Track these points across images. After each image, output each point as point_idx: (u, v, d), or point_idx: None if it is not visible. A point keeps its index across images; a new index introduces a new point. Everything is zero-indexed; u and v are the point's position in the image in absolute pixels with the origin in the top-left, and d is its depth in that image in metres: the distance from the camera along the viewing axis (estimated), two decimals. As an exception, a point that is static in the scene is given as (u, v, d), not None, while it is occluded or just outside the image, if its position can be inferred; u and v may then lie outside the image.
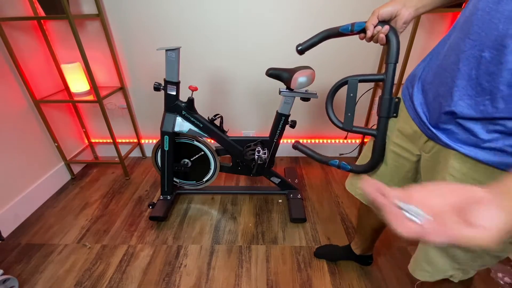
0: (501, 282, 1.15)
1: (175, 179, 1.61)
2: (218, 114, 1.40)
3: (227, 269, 1.22)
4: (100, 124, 1.98)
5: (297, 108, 1.85)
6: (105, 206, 1.61)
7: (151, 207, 1.50)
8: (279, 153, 2.09)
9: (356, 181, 0.91)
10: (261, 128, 1.99)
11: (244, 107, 1.90)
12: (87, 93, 1.69)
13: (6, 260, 1.27)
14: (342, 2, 1.55)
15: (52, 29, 1.63)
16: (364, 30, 0.70)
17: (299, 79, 1.22)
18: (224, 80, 1.81)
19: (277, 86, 1.31)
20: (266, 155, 1.39)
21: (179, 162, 1.52)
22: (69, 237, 1.39)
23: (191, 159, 1.52)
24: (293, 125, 1.41)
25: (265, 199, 1.64)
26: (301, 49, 0.86)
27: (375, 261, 1.23)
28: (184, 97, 1.34)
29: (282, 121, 1.37)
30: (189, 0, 1.56)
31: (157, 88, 1.29)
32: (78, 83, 1.66)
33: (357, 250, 1.17)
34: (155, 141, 2.06)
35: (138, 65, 1.76)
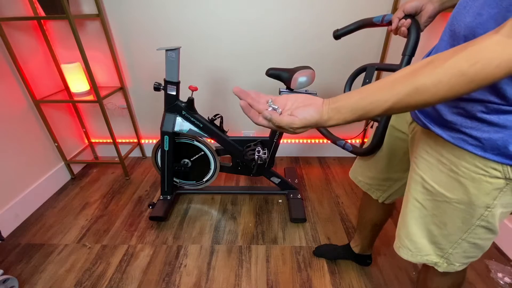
0: (501, 282, 1.15)
1: (175, 179, 1.61)
2: (218, 114, 1.40)
3: (227, 269, 1.22)
4: (100, 124, 1.98)
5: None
6: (105, 206, 1.61)
7: (151, 207, 1.50)
8: (279, 153, 2.09)
9: (357, 169, 0.97)
10: (261, 128, 1.99)
11: (244, 107, 1.90)
12: (87, 93, 1.69)
13: (6, 260, 1.27)
14: (342, 2, 1.55)
15: (52, 29, 1.63)
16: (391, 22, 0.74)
17: (299, 79, 1.22)
18: (224, 80, 1.81)
19: (277, 86, 1.31)
20: (266, 155, 1.39)
21: (179, 162, 1.52)
22: (69, 237, 1.39)
23: (191, 159, 1.52)
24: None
25: (265, 199, 1.64)
26: (337, 34, 0.91)
27: (374, 261, 1.23)
28: (184, 97, 1.34)
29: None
30: (189, 0, 1.56)
31: (157, 88, 1.29)
32: (78, 83, 1.66)
33: (356, 248, 1.17)
34: (155, 141, 2.06)
35: (138, 65, 1.76)
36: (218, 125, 1.41)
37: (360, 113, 0.45)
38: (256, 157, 1.38)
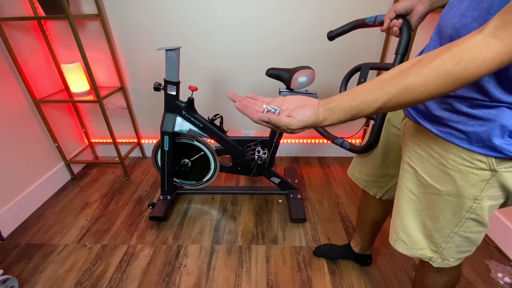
0: (501, 282, 1.15)
1: (175, 179, 1.61)
2: (218, 114, 1.40)
3: (227, 269, 1.22)
4: (100, 124, 1.98)
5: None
6: (105, 206, 1.61)
7: (151, 207, 1.50)
8: (279, 153, 2.09)
9: (354, 167, 0.98)
10: (261, 128, 1.99)
11: (244, 107, 1.90)
12: (87, 93, 1.69)
13: (6, 260, 1.27)
14: (341, 2, 1.55)
15: (52, 29, 1.63)
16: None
17: (299, 79, 1.22)
18: (224, 80, 1.81)
19: (277, 86, 1.31)
20: (266, 155, 1.39)
21: (179, 162, 1.52)
22: (69, 237, 1.39)
23: (191, 159, 1.52)
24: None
25: (265, 199, 1.64)
26: (331, 36, 0.92)
27: (374, 260, 1.24)
28: (184, 97, 1.34)
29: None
30: (189, 0, 1.56)
31: (157, 88, 1.29)
32: (78, 83, 1.66)
33: (357, 247, 1.17)
34: (155, 141, 2.06)
35: (138, 65, 1.76)
36: (218, 125, 1.41)
37: (352, 113, 0.47)
38: (256, 157, 1.38)
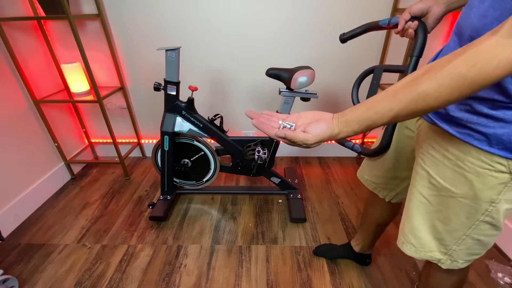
0: (501, 282, 1.15)
1: (175, 179, 1.61)
2: (218, 114, 1.40)
3: (227, 269, 1.22)
4: (100, 124, 1.98)
5: (297, 108, 1.85)
6: (105, 206, 1.61)
7: (151, 207, 1.50)
8: (279, 153, 2.08)
9: (364, 169, 0.97)
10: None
11: (244, 107, 1.90)
12: (87, 93, 1.69)
13: (6, 260, 1.27)
14: (342, 2, 1.55)
15: (52, 29, 1.63)
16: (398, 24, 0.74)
17: (299, 79, 1.22)
18: (224, 80, 1.81)
19: (277, 86, 1.31)
20: (266, 155, 1.39)
21: (179, 162, 1.52)
22: (69, 237, 1.39)
23: (191, 159, 1.52)
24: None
25: (265, 199, 1.64)
26: (344, 38, 0.91)
27: (374, 260, 1.24)
28: (184, 97, 1.34)
29: (282, 121, 1.36)
30: (189, 0, 1.56)
31: (157, 88, 1.29)
32: (78, 83, 1.66)
33: (357, 247, 1.17)
34: (155, 141, 2.06)
35: (138, 65, 1.76)
36: (218, 125, 1.41)
37: (367, 124, 0.47)
38: (256, 157, 1.38)
